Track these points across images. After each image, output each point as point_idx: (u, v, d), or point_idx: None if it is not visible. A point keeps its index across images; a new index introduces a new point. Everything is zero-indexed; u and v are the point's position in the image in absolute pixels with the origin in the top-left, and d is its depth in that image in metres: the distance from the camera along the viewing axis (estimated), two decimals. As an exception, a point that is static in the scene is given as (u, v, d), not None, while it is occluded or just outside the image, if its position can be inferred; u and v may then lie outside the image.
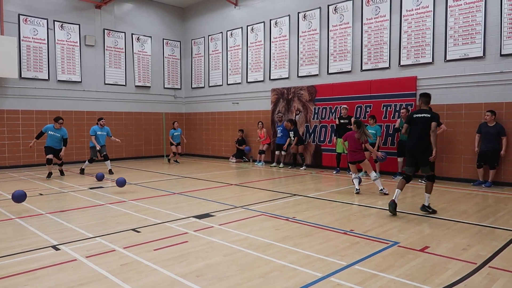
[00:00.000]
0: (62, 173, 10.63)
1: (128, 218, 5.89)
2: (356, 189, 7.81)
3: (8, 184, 9.24)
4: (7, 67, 11.81)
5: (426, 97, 6.32)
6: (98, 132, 11.20)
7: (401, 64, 10.27)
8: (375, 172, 8.56)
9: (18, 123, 12.62)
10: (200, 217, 5.89)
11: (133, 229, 5.22)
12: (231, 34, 14.92)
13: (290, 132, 12.04)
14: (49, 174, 10.20)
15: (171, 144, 14.00)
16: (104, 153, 11.28)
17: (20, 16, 12.63)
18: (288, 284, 3.42)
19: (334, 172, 10.91)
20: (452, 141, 9.35)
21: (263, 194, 7.85)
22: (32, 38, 12.89)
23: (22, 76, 12.63)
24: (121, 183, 8.15)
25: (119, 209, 6.52)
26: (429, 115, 6.06)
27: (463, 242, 4.66)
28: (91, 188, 8.60)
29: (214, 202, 7.04)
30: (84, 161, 11.51)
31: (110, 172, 11.04)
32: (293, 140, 11.93)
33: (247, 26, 14.27)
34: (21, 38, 12.64)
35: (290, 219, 5.75)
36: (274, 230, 5.20)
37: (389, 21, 10.49)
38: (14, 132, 12.53)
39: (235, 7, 14.68)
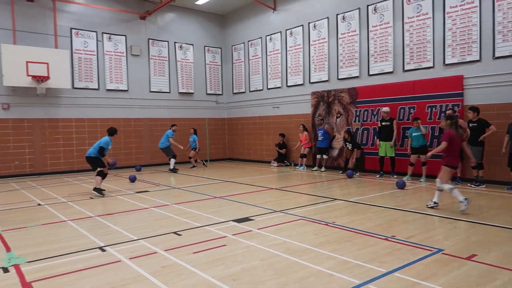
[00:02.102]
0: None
1: (170, 221, 6.09)
2: (463, 201, 6.17)
3: (63, 188, 9.83)
4: (61, 78, 12.63)
5: None
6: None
7: (446, 63, 9.85)
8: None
9: (72, 131, 13.42)
10: (239, 221, 5.97)
11: (175, 232, 5.39)
12: (270, 39, 15.01)
13: (348, 144, 11.52)
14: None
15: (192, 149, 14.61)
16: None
17: (72, 30, 13.45)
18: (324, 290, 3.40)
19: (377, 176, 10.63)
20: (503, 142, 8.80)
21: (303, 199, 7.81)
22: (83, 50, 13.68)
23: (74, 86, 13.44)
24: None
25: (162, 212, 6.76)
26: None
27: (515, 250, 4.39)
28: (137, 192, 8.96)
29: (253, 206, 7.11)
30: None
31: (173, 170, 12.73)
32: (350, 149, 11.56)
33: (286, 30, 14.29)
34: (73, 50, 13.46)
35: (329, 224, 5.68)
36: (313, 235, 5.17)
37: (432, 19, 10.10)
38: (68, 139, 13.34)
39: (273, 12, 14.77)
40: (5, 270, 4.11)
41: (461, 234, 5.07)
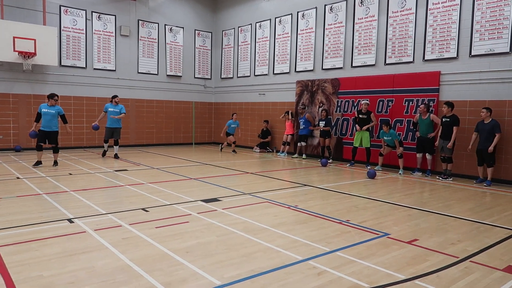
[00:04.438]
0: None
1: (141, 199, 6.35)
2: None
3: (44, 163, 9.99)
4: (48, 55, 12.67)
5: None
6: (110, 109, 11.63)
7: (425, 58, 10.10)
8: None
9: (57, 108, 13.51)
10: (207, 201, 6.24)
11: (143, 209, 5.65)
12: (259, 26, 15.12)
13: (321, 122, 11.99)
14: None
15: (227, 134, 14.06)
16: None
17: (61, 7, 13.46)
18: (266, 264, 3.69)
19: (347, 165, 10.98)
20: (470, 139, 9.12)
21: (274, 183, 8.10)
22: (72, 28, 13.71)
23: (61, 64, 13.51)
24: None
25: (136, 190, 7.01)
26: None
27: (454, 237, 4.71)
28: (116, 171, 9.20)
29: (225, 188, 7.38)
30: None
31: (116, 156, 11.55)
32: (322, 130, 11.98)
33: (276, 18, 14.41)
34: (62, 28, 13.49)
35: (291, 207, 5.98)
36: (273, 216, 5.46)
37: (414, 15, 10.31)
38: (53, 116, 13.43)
39: (264, -1, 14.85)
40: (-25, 235, 4.35)
41: (412, 221, 5.39)
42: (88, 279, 3.28)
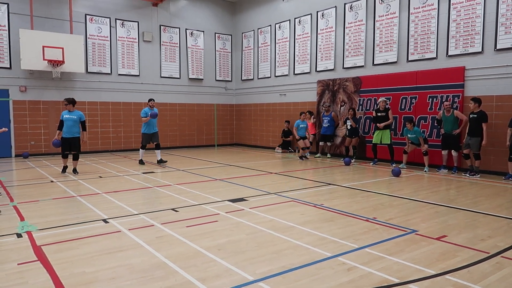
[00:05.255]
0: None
1: (170, 199, 6.53)
2: None
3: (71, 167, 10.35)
4: (76, 62, 13.13)
5: None
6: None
7: (449, 54, 9.97)
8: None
9: (85, 113, 13.90)
10: (234, 201, 6.38)
11: (172, 209, 5.83)
12: (279, 27, 15.21)
13: (348, 121, 11.61)
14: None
15: (297, 139, 12.30)
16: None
17: (87, 16, 13.90)
18: (297, 261, 3.78)
19: (371, 164, 10.94)
20: (501, 134, 8.96)
21: (298, 183, 8.18)
22: (97, 35, 14.14)
23: (88, 71, 13.95)
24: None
25: (164, 191, 7.22)
26: None
27: (485, 233, 4.68)
28: (144, 173, 9.45)
29: (250, 188, 7.50)
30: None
31: (160, 161, 11.01)
32: (348, 129, 11.66)
33: (295, 18, 14.47)
34: (87, 36, 13.93)
35: (317, 206, 6.05)
36: (299, 214, 5.54)
37: (437, 10, 10.20)
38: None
39: (283, 0, 14.92)
40: (19, 235, 4.60)
41: (440, 218, 5.38)
42: (128, 275, 3.44)
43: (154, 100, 11.51)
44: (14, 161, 12.05)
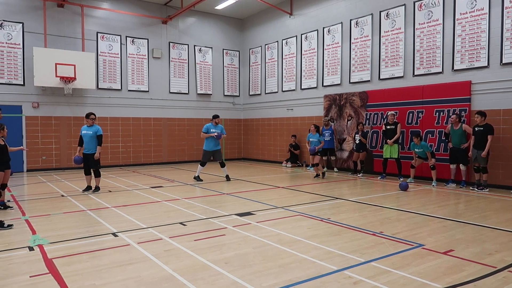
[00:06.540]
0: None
1: (178, 213, 6.61)
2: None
3: (85, 182, 10.50)
4: (87, 79, 13.43)
5: None
6: (212, 130, 10.71)
7: (455, 68, 10.03)
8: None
9: (95, 129, 14.22)
10: (241, 215, 6.43)
11: (180, 223, 5.90)
12: (286, 43, 15.44)
13: (357, 135, 11.62)
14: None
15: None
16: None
17: (98, 33, 14.27)
18: (303, 274, 3.82)
19: (378, 178, 10.93)
20: (508, 148, 8.94)
21: (305, 197, 8.21)
22: (108, 53, 14.48)
23: (99, 87, 14.24)
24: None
25: (172, 205, 7.30)
26: None
27: (492, 248, 4.67)
28: (152, 187, 9.56)
29: (258, 202, 7.56)
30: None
31: (227, 178, 10.76)
32: (357, 143, 11.62)
33: (301, 34, 14.69)
34: (99, 53, 14.27)
35: (324, 220, 6.08)
36: (306, 228, 5.58)
37: (442, 25, 10.31)
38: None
39: (290, 17, 15.18)
40: (31, 248, 4.71)
41: (447, 232, 5.37)
42: (137, 288, 3.51)
43: (219, 117, 10.99)
44: (25, 175, 12.26)
